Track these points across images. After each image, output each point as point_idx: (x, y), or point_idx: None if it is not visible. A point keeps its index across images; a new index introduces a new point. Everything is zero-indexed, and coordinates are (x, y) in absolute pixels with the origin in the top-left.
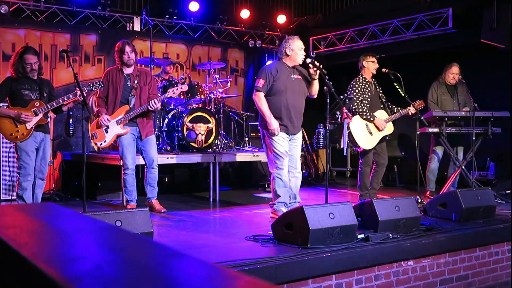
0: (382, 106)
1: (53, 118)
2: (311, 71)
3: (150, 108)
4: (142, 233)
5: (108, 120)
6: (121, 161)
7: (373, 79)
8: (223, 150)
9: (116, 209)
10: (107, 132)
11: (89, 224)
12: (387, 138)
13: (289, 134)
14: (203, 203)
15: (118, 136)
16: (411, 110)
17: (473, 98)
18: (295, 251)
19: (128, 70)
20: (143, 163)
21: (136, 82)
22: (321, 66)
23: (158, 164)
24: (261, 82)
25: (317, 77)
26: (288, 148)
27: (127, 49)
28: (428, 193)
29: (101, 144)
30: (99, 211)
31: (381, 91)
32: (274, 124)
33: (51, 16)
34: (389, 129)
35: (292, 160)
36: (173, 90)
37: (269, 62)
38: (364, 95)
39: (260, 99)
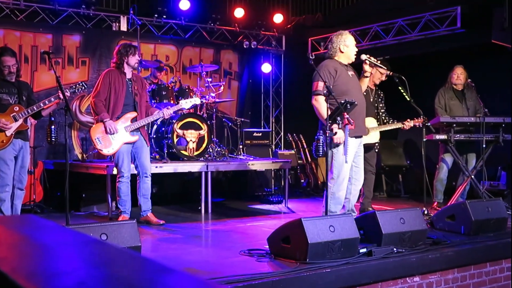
0: (372, 114)
1: (34, 125)
2: (366, 67)
3: (166, 117)
4: (129, 247)
5: (116, 129)
6: (116, 168)
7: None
8: (216, 159)
9: (101, 221)
10: (113, 138)
11: (72, 238)
12: (376, 145)
13: (358, 137)
14: (194, 215)
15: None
16: (408, 124)
17: (483, 103)
18: (293, 267)
19: (129, 75)
20: (135, 172)
21: (136, 87)
22: (378, 62)
23: None
24: (320, 85)
25: (369, 74)
26: (353, 156)
27: (138, 53)
28: (435, 204)
29: (108, 151)
30: (83, 224)
31: (382, 99)
32: (339, 133)
33: (32, 15)
34: (374, 137)
35: (357, 170)
36: (186, 102)
37: (264, 66)
38: None
39: (321, 104)
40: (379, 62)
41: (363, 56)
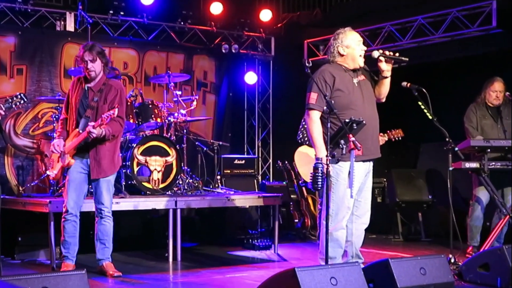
0: None
1: None
2: (383, 66)
3: (91, 136)
4: None
5: (58, 146)
6: None
7: None
8: (187, 192)
9: (42, 272)
10: (58, 161)
11: None
12: None
13: (366, 160)
14: (160, 264)
15: (64, 168)
16: (382, 139)
17: None
18: None
19: (90, 83)
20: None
21: (95, 99)
22: (397, 55)
23: None
24: (313, 97)
25: (390, 73)
26: (359, 186)
27: (86, 57)
28: (470, 249)
29: (49, 173)
30: (19, 275)
31: None
32: (321, 153)
33: None
34: None
35: (360, 205)
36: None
37: (248, 75)
38: None
39: (313, 122)
40: (397, 54)
41: (375, 53)
